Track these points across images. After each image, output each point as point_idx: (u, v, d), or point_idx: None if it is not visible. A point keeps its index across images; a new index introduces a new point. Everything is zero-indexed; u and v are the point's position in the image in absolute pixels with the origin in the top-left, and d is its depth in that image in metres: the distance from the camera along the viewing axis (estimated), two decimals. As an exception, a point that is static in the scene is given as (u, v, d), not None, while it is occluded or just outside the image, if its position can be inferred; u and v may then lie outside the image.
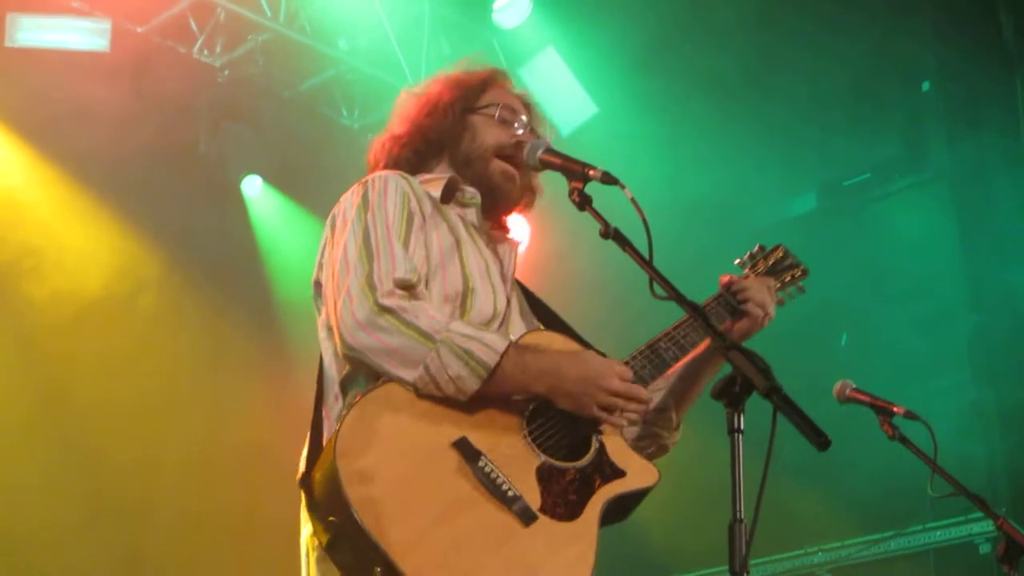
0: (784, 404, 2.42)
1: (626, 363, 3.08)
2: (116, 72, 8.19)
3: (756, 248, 3.56)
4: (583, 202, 2.92)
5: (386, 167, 3.33)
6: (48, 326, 8.29)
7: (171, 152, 8.74)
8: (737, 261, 3.51)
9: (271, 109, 9.15)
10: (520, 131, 3.34)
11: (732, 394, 2.51)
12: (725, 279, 3.39)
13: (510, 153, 3.28)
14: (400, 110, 3.44)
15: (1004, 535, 3.79)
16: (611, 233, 2.81)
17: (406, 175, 3.20)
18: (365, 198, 3.07)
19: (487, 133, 3.31)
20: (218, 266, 9.00)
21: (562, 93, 9.12)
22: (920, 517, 7.66)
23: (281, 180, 9.33)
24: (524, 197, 3.41)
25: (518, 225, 3.62)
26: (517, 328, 3.21)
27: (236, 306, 9.02)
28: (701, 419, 3.45)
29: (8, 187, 8.32)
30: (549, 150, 3.11)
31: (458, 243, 3.14)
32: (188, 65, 8.64)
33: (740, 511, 2.46)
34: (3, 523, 7.81)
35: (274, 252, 9.37)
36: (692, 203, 8.68)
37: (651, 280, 2.76)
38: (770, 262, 3.53)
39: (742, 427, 2.52)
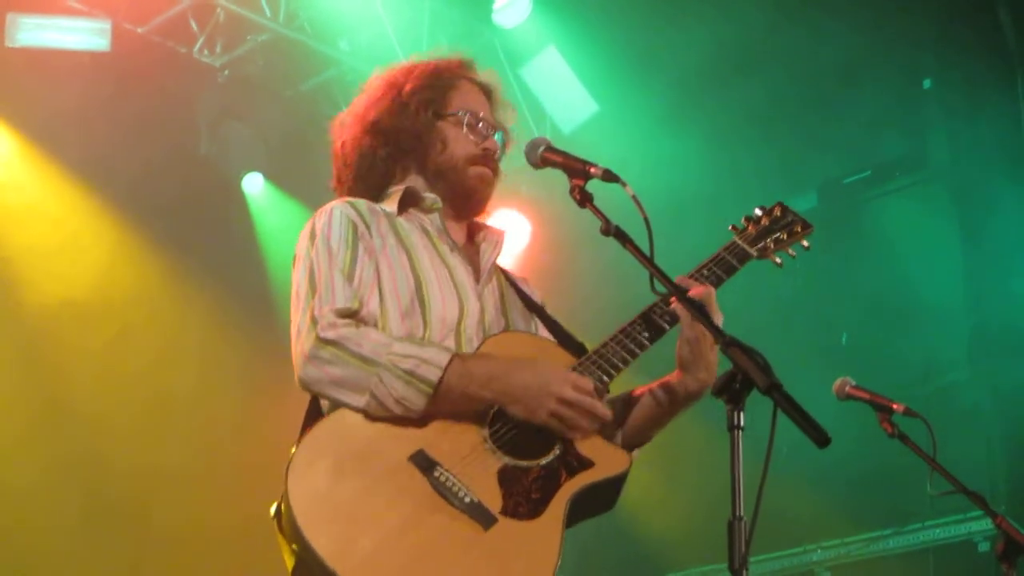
0: (784, 401, 2.42)
1: (597, 351, 3.07)
2: (116, 72, 8.19)
3: (756, 209, 3.47)
4: (584, 199, 2.92)
5: (357, 171, 3.38)
6: (46, 327, 8.26)
7: (172, 152, 8.74)
8: (731, 227, 3.42)
9: (271, 109, 9.16)
10: (486, 137, 3.37)
11: (732, 391, 2.51)
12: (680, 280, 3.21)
13: (481, 162, 3.33)
14: (367, 95, 3.45)
15: (1003, 533, 3.79)
16: (612, 230, 2.81)
17: (353, 200, 3.24)
18: (312, 233, 3.16)
19: (456, 144, 3.33)
20: (219, 265, 8.99)
21: (563, 92, 9.13)
22: (919, 515, 7.67)
23: (282, 179, 9.33)
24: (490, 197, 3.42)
25: (504, 218, 3.61)
26: (497, 326, 3.23)
27: (237, 306, 9.01)
28: (701, 416, 3.45)
29: (8, 187, 8.32)
30: (550, 148, 3.11)
31: (410, 255, 3.17)
32: (188, 65, 8.65)
33: (740, 508, 2.46)
34: (1, 528, 7.79)
35: (275, 250, 9.37)
36: (692, 201, 8.68)
37: (652, 277, 2.76)
38: (764, 223, 3.44)
39: (742, 424, 2.52)
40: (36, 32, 8.02)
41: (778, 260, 3.43)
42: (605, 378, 3.04)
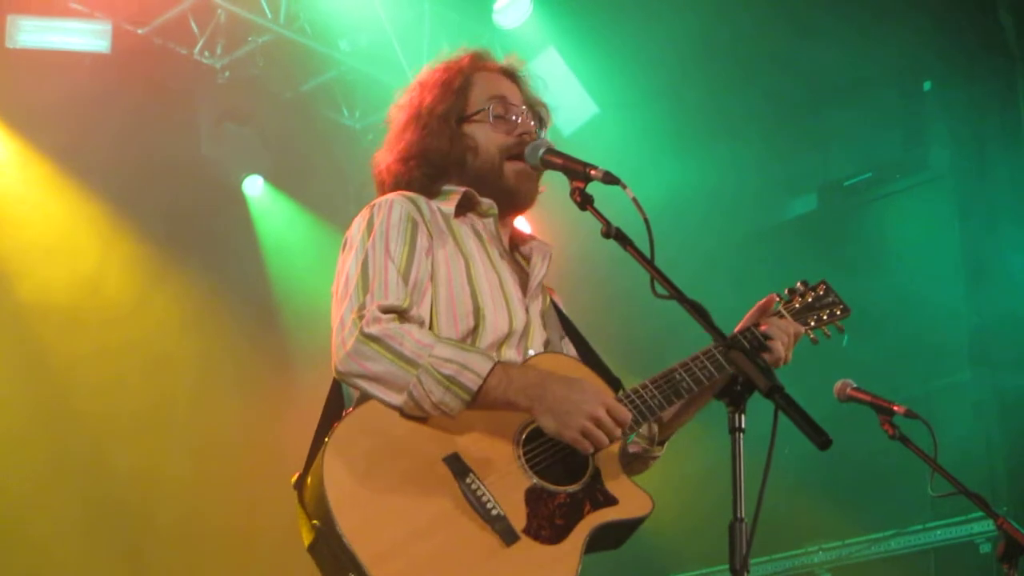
0: (785, 403, 2.43)
1: (636, 391, 3.04)
2: (116, 73, 8.19)
3: (798, 284, 3.46)
4: (584, 202, 2.91)
5: (396, 188, 3.30)
6: (45, 329, 8.25)
7: (172, 154, 8.74)
8: (776, 296, 3.40)
9: (272, 110, 9.15)
10: (517, 119, 3.30)
11: (734, 393, 2.52)
12: (762, 302, 3.32)
13: (517, 152, 3.26)
14: (394, 127, 3.39)
15: (1004, 534, 3.80)
16: (613, 233, 2.80)
17: (413, 196, 3.19)
18: (370, 223, 3.09)
19: (488, 142, 3.27)
20: (219, 268, 8.99)
21: (563, 93, 9.12)
22: (920, 516, 7.66)
23: (282, 181, 9.33)
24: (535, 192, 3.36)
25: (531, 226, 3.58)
26: (539, 342, 3.21)
27: (237, 307, 9.00)
28: (701, 419, 3.45)
29: (8, 188, 8.32)
30: (550, 150, 3.10)
31: (468, 262, 3.14)
32: (189, 66, 8.64)
33: (741, 510, 2.46)
34: (1, 530, 7.79)
35: (276, 252, 9.37)
36: (693, 203, 8.68)
37: (652, 279, 2.75)
38: (808, 299, 3.44)
39: (743, 426, 2.52)
40: (37, 34, 8.02)
41: (813, 336, 3.43)
42: (640, 419, 3.02)
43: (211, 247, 9.02)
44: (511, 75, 3.43)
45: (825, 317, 3.45)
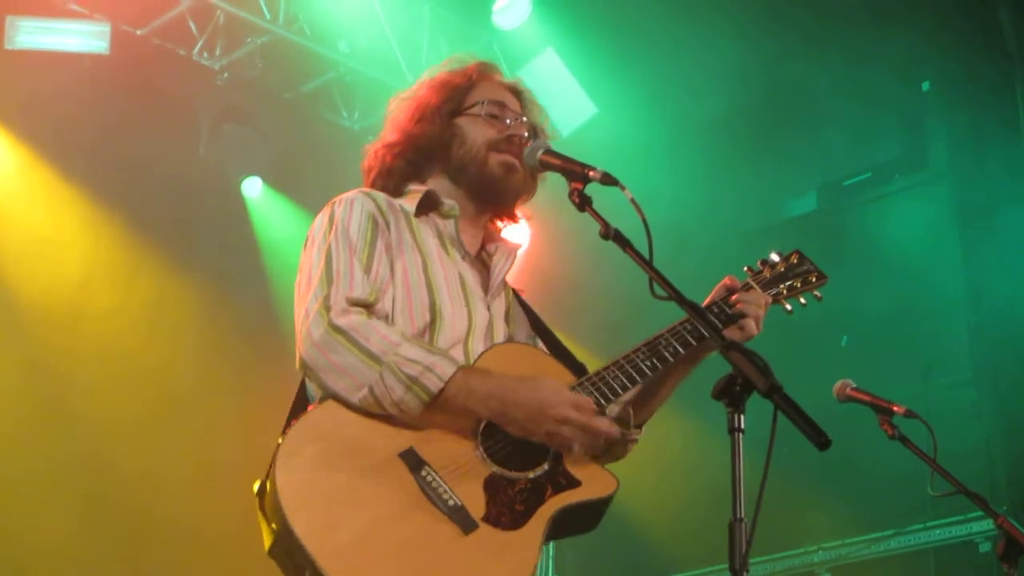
0: (784, 403, 2.43)
1: (599, 373, 3.07)
2: (116, 75, 8.19)
3: (772, 254, 3.47)
4: (583, 203, 2.90)
5: (378, 176, 3.36)
6: (45, 332, 8.26)
7: (171, 155, 8.74)
8: (746, 268, 3.42)
9: (271, 111, 9.16)
10: (510, 123, 3.33)
11: (732, 393, 2.52)
12: (726, 281, 3.35)
13: (504, 147, 3.29)
14: (391, 117, 3.45)
15: (1004, 534, 3.79)
16: (611, 234, 2.80)
17: (374, 193, 3.23)
18: (332, 218, 3.13)
19: (476, 133, 3.30)
20: (218, 269, 8.99)
21: (561, 94, 9.13)
22: (920, 516, 7.67)
23: (281, 182, 9.34)
24: (527, 188, 3.38)
25: (516, 230, 3.58)
26: (500, 338, 3.22)
27: (236, 309, 9.01)
28: (701, 419, 3.46)
29: (7, 189, 8.32)
30: (549, 151, 3.10)
31: (425, 260, 3.16)
32: (188, 67, 8.65)
33: (740, 510, 2.46)
34: (1, 530, 7.79)
35: (274, 254, 9.37)
36: (692, 204, 8.69)
37: (651, 280, 2.75)
38: (781, 269, 3.45)
39: (742, 426, 2.53)
40: (35, 35, 8.03)
41: (788, 307, 3.44)
42: (603, 401, 3.05)
43: (210, 248, 9.03)
44: (515, 92, 3.47)
45: (799, 285, 3.45)
